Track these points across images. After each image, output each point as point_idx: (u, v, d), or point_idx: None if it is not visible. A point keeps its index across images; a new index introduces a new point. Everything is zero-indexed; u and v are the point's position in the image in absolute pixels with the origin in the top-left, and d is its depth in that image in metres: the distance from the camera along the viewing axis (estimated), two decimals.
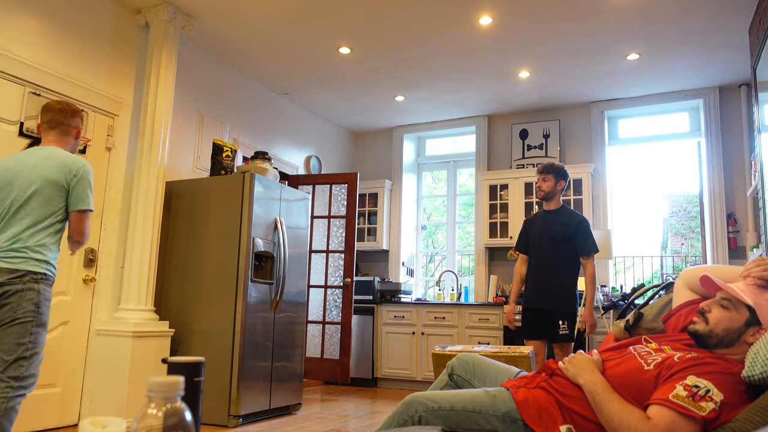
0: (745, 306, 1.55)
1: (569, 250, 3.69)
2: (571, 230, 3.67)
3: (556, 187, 3.76)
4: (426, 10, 4.22)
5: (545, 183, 3.78)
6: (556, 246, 3.70)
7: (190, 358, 0.99)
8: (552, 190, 3.76)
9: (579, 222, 3.70)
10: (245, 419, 4.01)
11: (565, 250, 3.69)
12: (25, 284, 2.39)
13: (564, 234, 3.68)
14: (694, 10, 4.15)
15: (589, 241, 3.68)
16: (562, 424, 1.51)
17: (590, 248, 3.69)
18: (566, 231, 3.68)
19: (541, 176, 3.80)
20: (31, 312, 2.39)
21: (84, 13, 3.96)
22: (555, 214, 3.78)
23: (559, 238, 3.69)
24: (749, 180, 5.19)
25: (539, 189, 3.81)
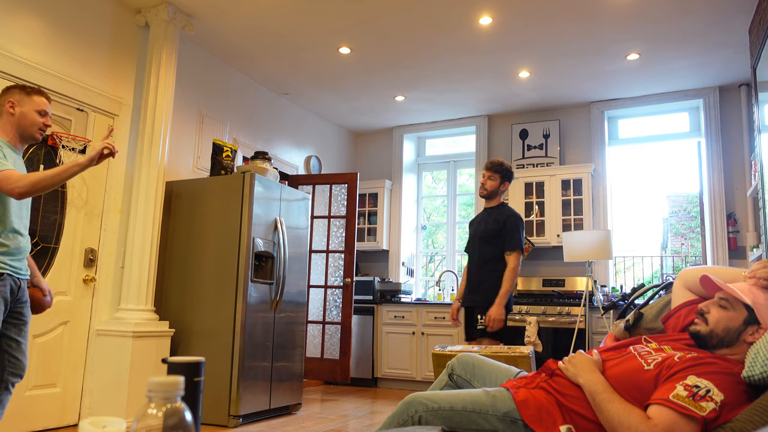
0: (743, 305, 1.56)
1: (497, 247, 3.61)
2: (500, 227, 3.60)
3: (499, 187, 3.70)
4: (426, 10, 4.22)
5: (490, 181, 3.70)
6: (486, 243, 3.64)
7: (190, 358, 0.99)
8: (495, 189, 3.70)
9: (508, 217, 3.62)
10: (245, 419, 4.01)
11: (493, 247, 3.62)
12: None
13: (493, 231, 3.61)
14: (694, 10, 4.15)
15: (514, 237, 3.59)
16: (562, 424, 1.51)
17: (514, 244, 3.58)
18: (496, 228, 3.61)
19: (488, 173, 3.71)
20: None
21: (84, 13, 3.96)
22: (491, 212, 3.71)
23: (488, 235, 3.62)
24: (749, 180, 5.19)
25: (482, 186, 3.73)
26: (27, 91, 2.59)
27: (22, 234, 2.54)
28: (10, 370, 2.50)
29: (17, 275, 2.51)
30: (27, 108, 2.56)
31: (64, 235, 3.79)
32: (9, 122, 2.56)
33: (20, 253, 2.52)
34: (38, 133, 2.61)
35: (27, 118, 2.56)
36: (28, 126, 2.57)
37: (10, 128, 2.56)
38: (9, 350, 2.51)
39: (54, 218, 3.75)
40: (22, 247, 2.54)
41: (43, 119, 2.60)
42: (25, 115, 2.56)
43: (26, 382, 3.49)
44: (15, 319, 2.54)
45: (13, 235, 2.49)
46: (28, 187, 2.37)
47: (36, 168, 3.62)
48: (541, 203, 5.89)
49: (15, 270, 2.49)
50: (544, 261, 6.02)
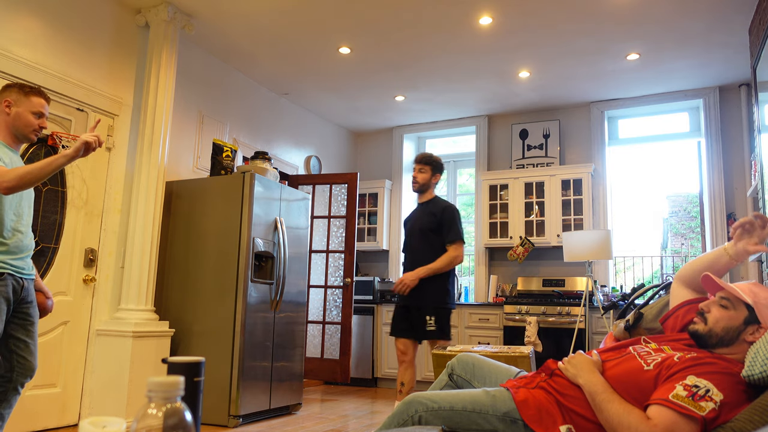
0: (743, 304, 1.56)
1: (438, 241, 3.54)
2: (437, 219, 3.53)
3: (431, 180, 3.65)
4: (426, 10, 4.22)
5: (421, 174, 3.65)
6: (424, 238, 3.57)
7: (190, 358, 0.99)
8: (427, 182, 3.65)
9: (443, 210, 3.56)
10: (245, 419, 4.01)
11: (434, 241, 3.54)
12: None
13: (431, 224, 3.54)
14: (694, 10, 4.15)
15: (453, 229, 3.51)
16: (562, 424, 1.51)
17: (453, 235, 3.50)
18: (433, 221, 3.54)
19: (418, 166, 3.67)
20: None
21: (84, 14, 3.96)
22: (426, 206, 3.65)
23: (426, 229, 3.56)
24: (749, 180, 5.19)
25: (414, 180, 3.68)
26: (25, 91, 2.56)
27: (22, 232, 2.50)
28: (19, 371, 2.48)
29: (19, 275, 2.47)
30: (23, 108, 2.53)
31: (64, 235, 3.80)
32: (4, 121, 2.53)
33: (22, 252, 2.49)
34: (32, 134, 2.57)
35: (21, 119, 2.53)
36: (22, 127, 2.54)
37: (4, 127, 2.53)
38: (17, 351, 2.49)
39: (54, 218, 3.75)
40: (24, 245, 2.50)
41: (38, 121, 2.56)
42: (20, 116, 2.52)
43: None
44: (21, 320, 2.51)
45: (13, 233, 2.45)
46: (15, 181, 2.32)
47: None
48: (541, 203, 5.89)
49: (17, 269, 2.46)
50: (544, 261, 6.02)
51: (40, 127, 2.58)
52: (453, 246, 3.50)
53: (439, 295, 3.48)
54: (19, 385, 2.50)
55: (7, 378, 2.47)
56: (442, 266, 3.47)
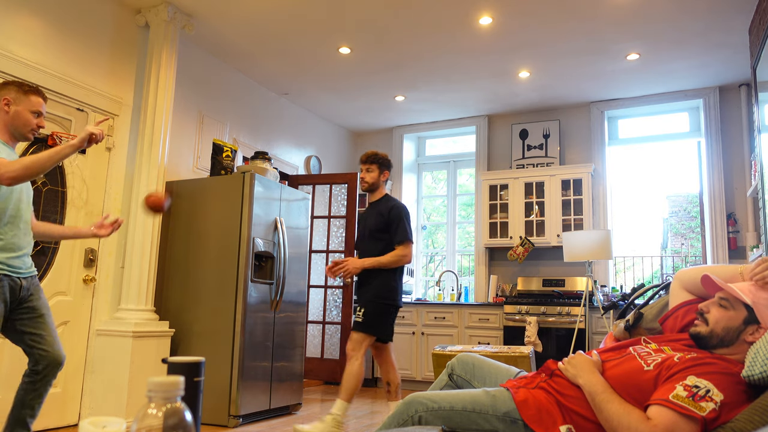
0: (743, 304, 1.55)
1: (387, 241, 3.49)
2: (385, 219, 3.49)
3: (379, 178, 3.61)
4: (426, 10, 4.22)
5: (369, 174, 3.59)
6: (374, 238, 3.53)
7: (190, 358, 0.99)
8: (376, 181, 3.61)
9: (391, 209, 3.51)
10: (245, 419, 4.01)
11: (383, 241, 3.50)
12: None
13: (379, 224, 3.50)
14: (694, 10, 4.15)
15: (400, 228, 3.46)
16: (562, 424, 1.51)
17: (401, 235, 3.45)
18: (381, 221, 3.50)
19: (365, 166, 3.61)
20: None
21: (84, 13, 3.96)
22: (375, 206, 3.60)
23: (375, 229, 3.52)
24: (749, 180, 5.19)
25: (362, 180, 3.62)
26: (24, 89, 2.53)
27: (20, 229, 2.47)
28: (44, 363, 2.50)
29: (16, 274, 2.44)
30: (22, 107, 2.50)
31: None
32: (2, 120, 2.51)
33: (20, 250, 2.46)
34: (30, 133, 2.55)
35: (20, 118, 2.51)
36: (21, 126, 2.52)
37: (2, 125, 2.51)
38: (36, 345, 2.50)
39: (54, 218, 3.75)
40: (20, 243, 2.47)
41: (37, 120, 2.54)
42: (19, 115, 2.50)
43: None
44: (28, 315, 2.50)
45: (9, 229, 2.41)
46: (21, 171, 2.29)
47: None
48: (541, 203, 5.89)
49: (13, 269, 2.42)
50: (544, 261, 6.02)
51: (38, 126, 2.56)
52: (402, 245, 3.45)
53: (380, 290, 3.42)
54: (51, 377, 2.53)
55: (36, 371, 2.50)
56: (388, 262, 3.42)
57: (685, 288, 1.87)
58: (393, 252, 3.46)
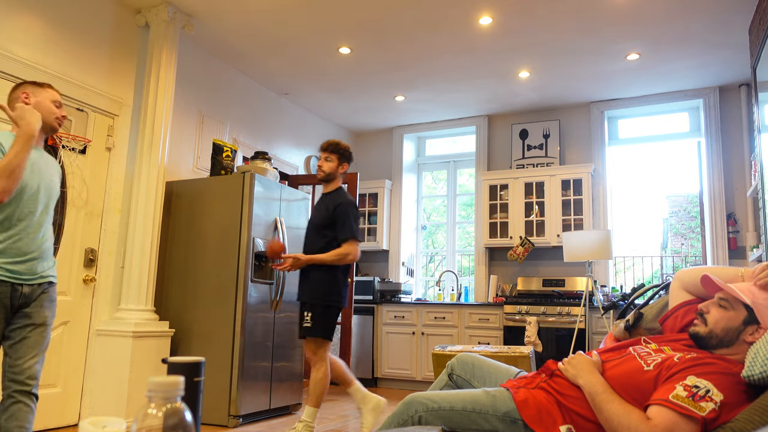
0: (742, 305, 1.55)
1: (331, 237, 3.35)
2: (331, 215, 3.36)
3: (337, 169, 3.46)
4: (426, 10, 4.22)
5: (327, 163, 3.45)
6: (317, 232, 3.41)
7: (190, 358, 0.99)
8: (333, 172, 3.46)
9: (337, 205, 3.36)
10: (245, 419, 4.01)
11: (326, 236, 3.36)
12: None
13: (324, 219, 3.37)
14: (694, 10, 4.15)
15: (345, 225, 3.32)
16: (562, 425, 1.51)
17: (345, 233, 3.30)
18: (326, 216, 3.37)
19: (324, 155, 3.46)
20: None
21: (84, 13, 3.96)
22: (325, 198, 3.47)
23: (319, 224, 3.40)
24: (749, 180, 5.19)
25: (319, 168, 3.47)
26: (39, 83, 2.51)
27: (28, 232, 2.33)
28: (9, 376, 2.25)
29: (18, 281, 2.28)
30: (42, 97, 2.46)
31: (64, 235, 3.80)
32: None
33: (23, 255, 2.30)
34: (56, 122, 2.46)
35: (43, 107, 2.43)
36: (46, 114, 2.43)
37: None
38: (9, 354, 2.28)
39: (54, 218, 3.74)
40: (26, 248, 2.31)
41: (59, 110, 2.49)
42: (41, 104, 2.44)
43: None
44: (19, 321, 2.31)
45: (15, 232, 2.27)
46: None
47: None
48: (541, 203, 5.89)
49: (14, 275, 2.26)
50: (544, 261, 6.02)
51: (61, 116, 2.49)
52: (346, 243, 3.32)
53: (324, 291, 3.31)
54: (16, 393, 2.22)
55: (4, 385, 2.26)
56: (330, 259, 3.29)
57: (685, 288, 1.87)
58: (336, 250, 3.31)
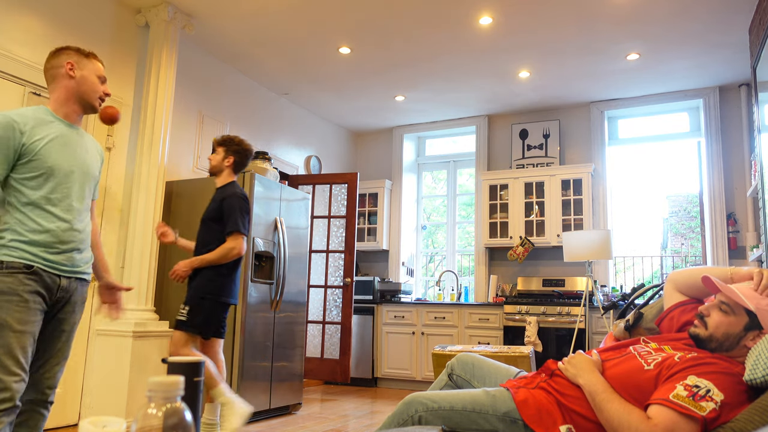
0: (744, 310, 1.54)
1: (219, 231, 3.27)
2: (218, 208, 3.29)
3: (223, 162, 3.39)
4: (426, 10, 4.22)
5: (214, 156, 3.41)
6: (205, 226, 3.33)
7: (190, 358, 0.99)
8: (218, 164, 3.39)
9: (225, 198, 3.30)
10: None
11: (213, 231, 3.29)
12: None
13: (212, 213, 3.31)
14: (694, 10, 4.15)
15: (231, 219, 3.23)
16: (562, 424, 1.51)
17: (231, 226, 3.21)
18: (214, 209, 3.31)
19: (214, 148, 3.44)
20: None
21: (84, 13, 3.96)
22: (217, 192, 3.41)
23: (208, 217, 3.33)
24: (749, 180, 5.19)
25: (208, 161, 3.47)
26: (85, 53, 2.21)
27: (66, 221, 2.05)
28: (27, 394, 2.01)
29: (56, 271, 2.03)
30: (87, 71, 2.17)
31: None
32: (65, 88, 2.13)
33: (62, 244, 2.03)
34: (98, 101, 2.20)
35: (87, 83, 2.16)
36: (90, 92, 2.16)
37: (66, 95, 2.13)
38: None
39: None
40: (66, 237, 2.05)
41: (103, 87, 2.22)
42: (86, 79, 2.15)
43: None
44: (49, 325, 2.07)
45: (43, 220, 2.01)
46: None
47: None
48: (541, 203, 5.89)
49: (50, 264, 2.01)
50: (544, 261, 6.02)
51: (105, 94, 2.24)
52: (230, 237, 3.23)
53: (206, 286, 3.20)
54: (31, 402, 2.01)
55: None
56: (215, 258, 3.19)
57: (678, 290, 1.87)
58: (220, 247, 3.22)
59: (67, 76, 2.14)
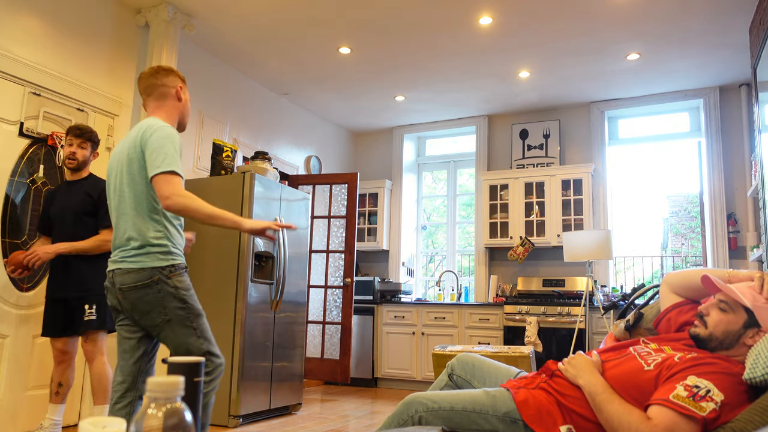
0: (743, 308, 1.55)
1: (93, 225, 3.22)
2: (95, 202, 3.23)
3: (90, 157, 3.33)
4: (426, 10, 4.22)
5: (81, 150, 3.28)
6: (80, 221, 3.21)
7: (190, 358, 0.99)
8: (87, 160, 3.32)
9: (102, 191, 3.21)
10: (245, 419, 4.01)
11: (89, 225, 3.22)
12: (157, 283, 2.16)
13: (87, 207, 3.23)
14: (695, 9, 4.15)
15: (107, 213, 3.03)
16: (562, 425, 1.51)
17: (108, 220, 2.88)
18: (89, 203, 3.23)
19: (78, 140, 3.28)
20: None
21: (84, 13, 3.96)
22: (79, 186, 3.29)
23: (83, 211, 3.22)
24: (749, 180, 5.19)
25: (72, 156, 3.26)
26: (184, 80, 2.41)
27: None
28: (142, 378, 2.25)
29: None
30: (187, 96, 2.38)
31: None
32: (175, 108, 2.33)
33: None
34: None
35: (188, 107, 2.38)
36: (187, 116, 2.39)
37: (175, 115, 2.33)
38: None
39: None
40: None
41: None
42: (186, 105, 2.37)
43: (26, 382, 3.49)
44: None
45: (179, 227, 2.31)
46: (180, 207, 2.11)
47: (36, 167, 3.62)
48: (541, 203, 5.89)
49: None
50: (544, 261, 6.02)
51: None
52: (106, 231, 3.18)
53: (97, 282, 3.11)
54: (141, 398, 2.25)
55: None
56: (89, 247, 3.14)
57: (674, 291, 1.88)
58: (95, 237, 3.17)
59: (175, 98, 2.33)
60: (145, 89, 2.32)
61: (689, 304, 1.81)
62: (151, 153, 2.11)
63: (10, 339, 3.42)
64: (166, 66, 2.37)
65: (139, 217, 2.17)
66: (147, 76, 2.31)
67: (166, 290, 2.16)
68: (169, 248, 2.20)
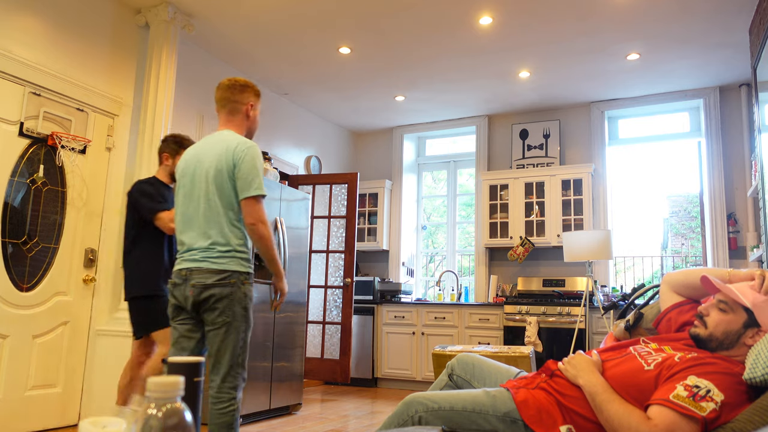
0: (742, 308, 1.55)
1: None
2: None
3: None
4: (426, 10, 4.22)
5: None
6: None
7: (190, 358, 0.99)
8: None
9: None
10: (245, 419, 4.01)
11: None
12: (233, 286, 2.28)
13: None
14: (695, 9, 4.15)
15: None
16: (562, 425, 1.51)
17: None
18: None
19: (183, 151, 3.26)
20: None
21: (84, 13, 3.96)
22: None
23: None
24: (749, 180, 5.19)
25: None
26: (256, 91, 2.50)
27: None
28: None
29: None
30: (257, 112, 2.49)
31: (64, 235, 3.79)
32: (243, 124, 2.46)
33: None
34: None
35: (256, 123, 2.50)
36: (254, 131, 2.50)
37: (243, 131, 2.45)
38: None
39: (54, 218, 3.75)
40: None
41: None
42: (256, 121, 2.50)
43: (26, 382, 3.49)
44: None
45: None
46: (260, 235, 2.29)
47: (36, 167, 3.62)
48: (541, 203, 5.89)
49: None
50: (544, 261, 6.02)
51: None
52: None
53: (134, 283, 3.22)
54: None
55: None
56: None
57: (674, 290, 1.87)
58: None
59: (245, 114, 2.45)
60: (219, 100, 2.46)
61: (689, 304, 1.81)
62: (245, 174, 2.27)
63: (10, 339, 3.43)
64: (242, 80, 2.46)
65: (227, 224, 2.30)
66: (223, 88, 2.43)
67: (238, 294, 2.29)
68: (248, 255, 2.35)
